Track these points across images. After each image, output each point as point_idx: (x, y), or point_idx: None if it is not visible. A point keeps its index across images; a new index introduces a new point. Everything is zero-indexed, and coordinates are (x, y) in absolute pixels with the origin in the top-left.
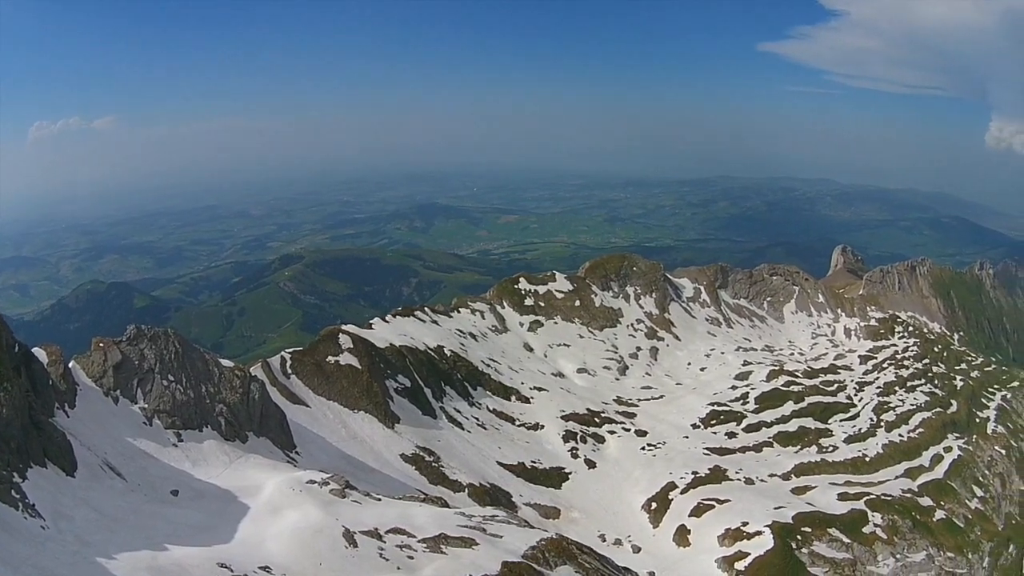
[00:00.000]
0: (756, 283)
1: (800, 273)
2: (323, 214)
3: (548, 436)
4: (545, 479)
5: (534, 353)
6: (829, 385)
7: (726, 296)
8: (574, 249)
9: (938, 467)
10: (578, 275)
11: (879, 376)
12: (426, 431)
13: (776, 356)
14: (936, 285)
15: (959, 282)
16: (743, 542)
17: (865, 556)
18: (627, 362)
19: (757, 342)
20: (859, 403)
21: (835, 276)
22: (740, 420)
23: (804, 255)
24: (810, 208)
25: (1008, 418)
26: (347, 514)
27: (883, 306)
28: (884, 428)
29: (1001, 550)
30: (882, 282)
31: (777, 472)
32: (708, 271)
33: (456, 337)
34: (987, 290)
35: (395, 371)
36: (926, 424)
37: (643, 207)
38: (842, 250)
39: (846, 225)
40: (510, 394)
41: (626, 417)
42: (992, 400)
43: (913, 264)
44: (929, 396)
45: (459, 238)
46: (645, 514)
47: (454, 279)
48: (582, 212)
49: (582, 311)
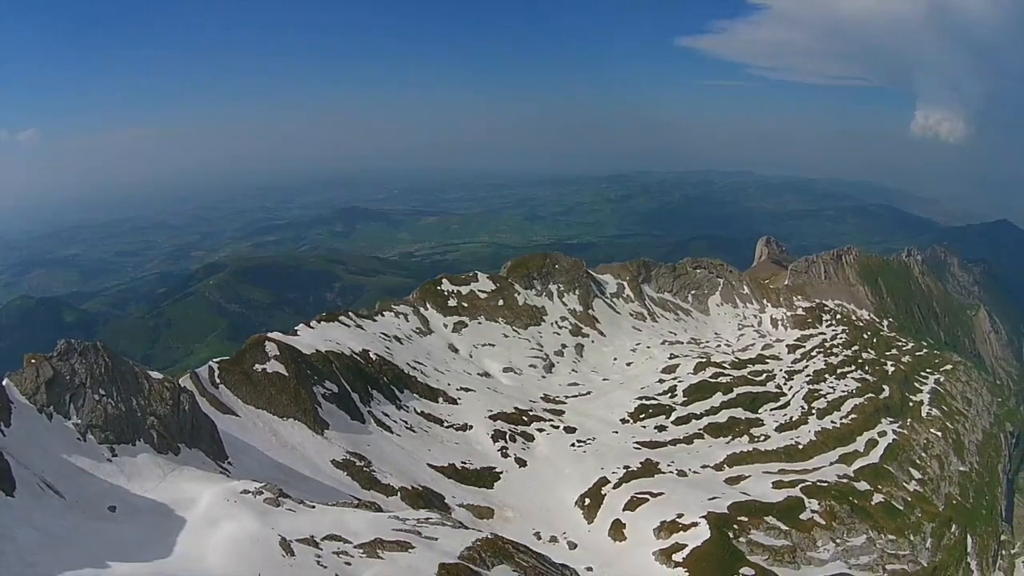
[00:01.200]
0: (680, 277)
1: (724, 265)
2: (244, 221)
3: (477, 436)
4: (477, 479)
5: (459, 354)
6: (758, 375)
7: (650, 291)
8: (495, 248)
9: (873, 452)
10: (500, 274)
11: (808, 364)
12: (356, 436)
13: (703, 348)
14: (863, 273)
15: (887, 269)
16: (679, 534)
17: (804, 542)
18: (553, 360)
19: (683, 335)
20: (789, 392)
21: (760, 267)
22: (669, 413)
23: (727, 248)
24: (732, 200)
25: (943, 401)
26: (283, 523)
27: (809, 295)
28: (816, 415)
29: (943, 530)
30: (808, 272)
31: (709, 463)
32: (631, 266)
33: (381, 341)
34: (916, 276)
35: (322, 377)
36: (859, 410)
37: (563, 204)
38: (766, 241)
39: (769, 216)
40: (437, 396)
41: (554, 415)
42: (925, 384)
43: (839, 253)
44: (860, 382)
45: (380, 241)
46: (579, 510)
47: (377, 282)
48: (502, 211)
49: (506, 310)
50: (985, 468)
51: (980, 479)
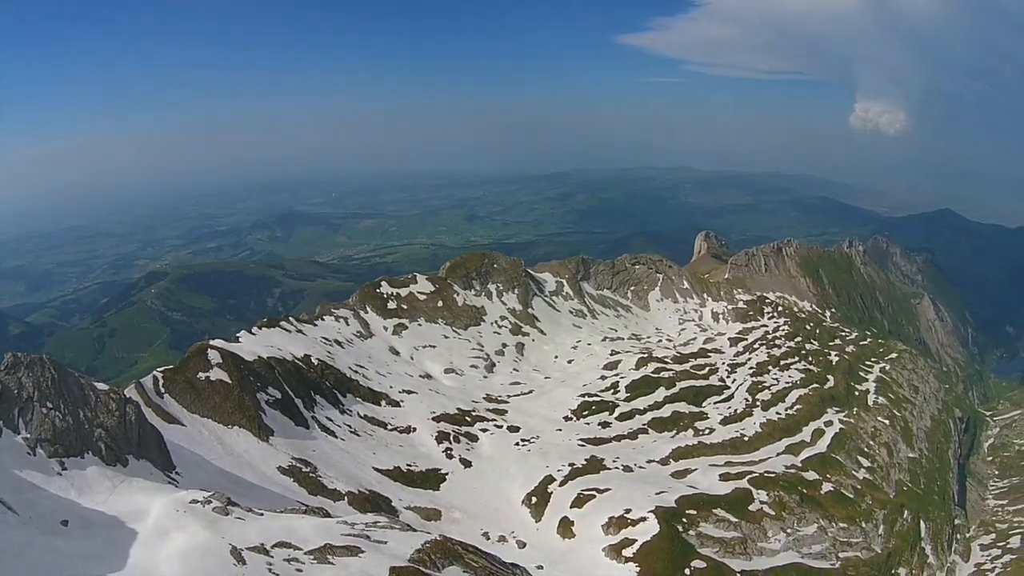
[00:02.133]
0: (619, 273)
1: (663, 261)
2: (185, 228)
3: (421, 438)
4: (423, 481)
5: (400, 356)
6: (700, 369)
7: (589, 288)
8: (434, 250)
9: (820, 441)
10: (439, 276)
11: (751, 357)
12: (300, 442)
13: (644, 344)
14: (804, 265)
15: (828, 260)
16: (628, 529)
17: (755, 533)
18: (494, 359)
19: (624, 331)
20: (732, 384)
21: (699, 262)
22: (612, 409)
23: (666, 243)
24: (670, 196)
25: (889, 389)
26: (232, 531)
27: (750, 288)
28: (760, 407)
29: (896, 517)
30: (748, 265)
31: (655, 458)
32: (569, 264)
33: (322, 345)
34: (858, 266)
35: (265, 384)
36: (804, 400)
37: (501, 204)
38: (705, 236)
39: (708, 211)
40: (380, 399)
41: (497, 414)
42: (871, 373)
43: (779, 245)
44: (804, 373)
45: (320, 245)
46: (526, 509)
47: (317, 287)
48: (440, 212)
49: (445, 311)
50: (935, 454)
51: (930, 465)
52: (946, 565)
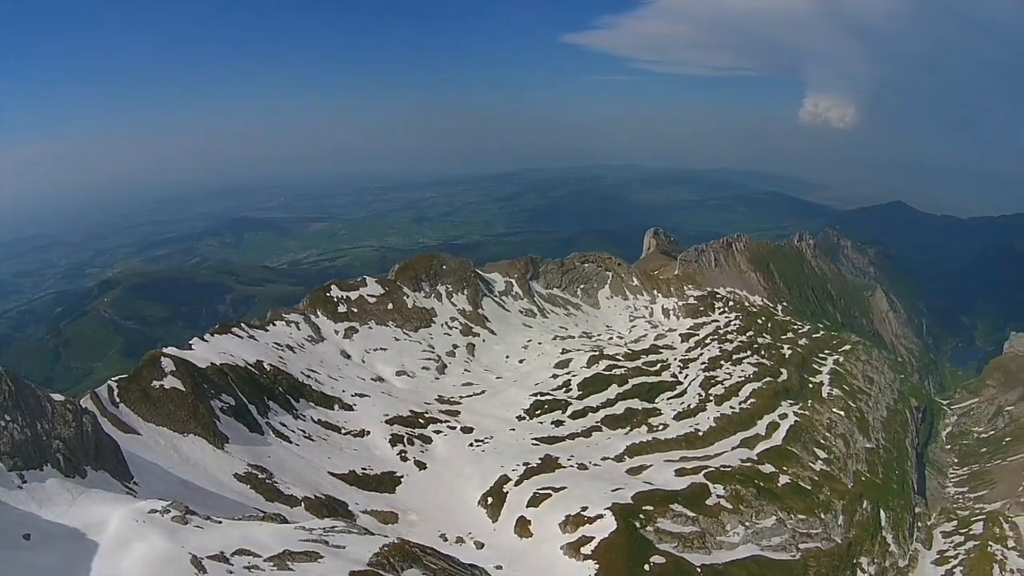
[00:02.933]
0: (568, 272)
1: (612, 258)
2: (136, 236)
3: (375, 441)
4: (378, 485)
5: (352, 360)
6: (652, 365)
7: (538, 287)
8: (383, 252)
9: (775, 434)
10: (389, 278)
11: (703, 352)
12: (256, 448)
13: (595, 342)
14: (754, 259)
15: (778, 255)
16: (586, 527)
17: (713, 527)
18: (445, 360)
19: (574, 329)
20: (685, 380)
21: (649, 259)
22: (565, 408)
23: (615, 241)
24: (619, 194)
25: (843, 380)
26: (192, 540)
27: (700, 284)
28: (714, 402)
29: (855, 507)
30: (697, 261)
31: (610, 455)
32: (518, 264)
33: (274, 350)
34: (808, 260)
35: (219, 390)
36: (757, 394)
37: (449, 205)
38: (654, 233)
39: (657, 208)
40: (333, 403)
41: (450, 415)
42: (824, 365)
43: (729, 241)
44: (757, 367)
45: (270, 250)
46: (483, 509)
47: (267, 292)
48: (389, 214)
49: (396, 314)
50: (892, 444)
51: (888, 455)
52: (908, 553)
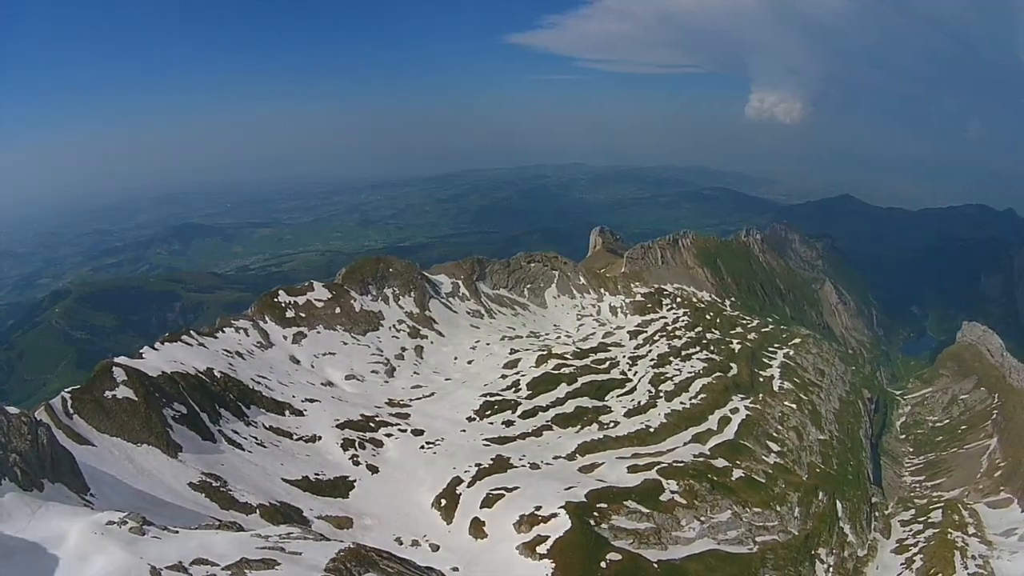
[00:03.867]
0: (514, 272)
1: (558, 258)
2: (85, 245)
3: (327, 446)
4: (332, 490)
5: (301, 365)
6: (601, 363)
7: (485, 288)
8: (329, 257)
9: (727, 428)
10: (336, 282)
11: (652, 349)
12: (209, 456)
13: (543, 341)
14: (701, 255)
15: (726, 250)
16: (540, 526)
17: (668, 523)
18: (394, 363)
19: (522, 329)
20: (634, 377)
21: (595, 257)
22: (515, 408)
23: (561, 240)
24: (564, 193)
25: (794, 374)
26: (150, 551)
27: (648, 281)
28: (664, 398)
29: (811, 498)
30: (644, 258)
31: (561, 454)
32: (464, 265)
33: (224, 358)
34: (756, 255)
35: (170, 399)
36: (707, 389)
37: (394, 207)
38: (599, 231)
39: (602, 206)
40: (284, 409)
41: (400, 418)
42: (774, 359)
43: (675, 237)
44: (707, 362)
45: (217, 256)
46: (436, 512)
47: (216, 299)
48: (334, 218)
49: (343, 318)
50: (846, 435)
51: (842, 446)
52: (867, 543)
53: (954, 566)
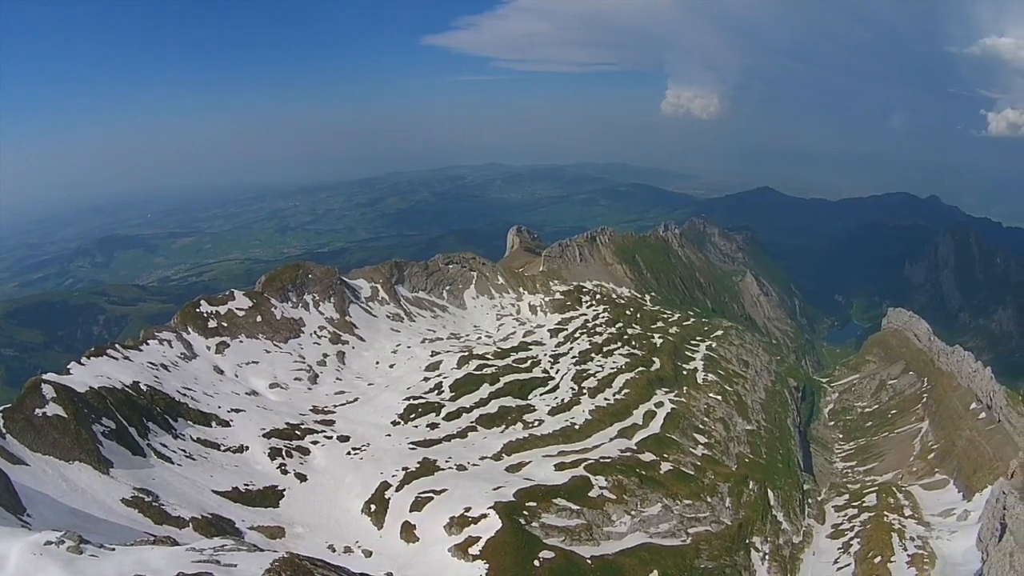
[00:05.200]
0: (433, 274)
1: (476, 258)
2: (10, 260)
3: (255, 456)
4: (262, 500)
5: (225, 375)
6: (523, 362)
7: (404, 291)
8: (249, 264)
9: (652, 423)
10: (256, 290)
11: (573, 346)
12: (140, 471)
13: (464, 342)
14: (620, 251)
15: (644, 245)
16: (471, 527)
17: (598, 519)
18: (316, 370)
19: (442, 331)
20: (557, 375)
21: (513, 257)
22: (439, 410)
23: (479, 240)
24: (481, 194)
25: (717, 365)
26: (89, 570)
27: (566, 279)
28: (587, 395)
29: (741, 488)
30: (562, 256)
31: (488, 454)
32: (383, 268)
33: (149, 370)
34: (675, 249)
35: (99, 415)
36: (631, 384)
37: (312, 213)
38: (517, 230)
39: (519, 206)
40: (210, 420)
41: (326, 425)
42: (697, 352)
43: (592, 235)
44: (629, 357)
45: (139, 268)
46: (367, 517)
47: (140, 311)
48: (254, 225)
49: (265, 326)
50: (774, 424)
51: (770, 435)
52: (802, 529)
53: (892, 548)
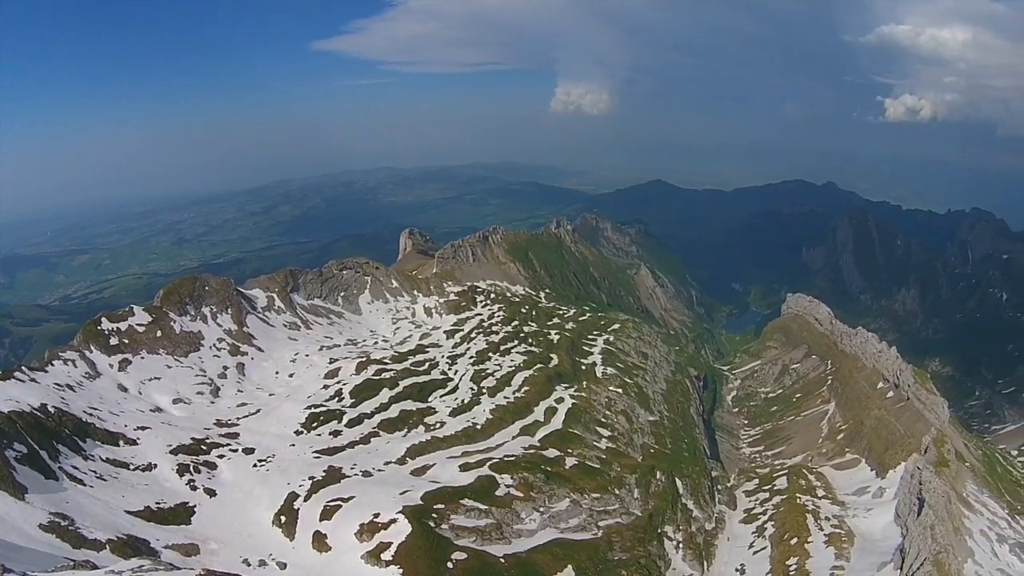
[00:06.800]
0: (327, 281)
1: (369, 263)
2: None
3: (163, 474)
4: (174, 518)
5: (129, 392)
6: (421, 365)
7: (300, 299)
8: (147, 279)
9: (554, 419)
10: (155, 305)
11: (470, 347)
12: (54, 495)
13: (361, 348)
14: (512, 250)
15: (537, 243)
16: (381, 533)
17: (508, 517)
18: (218, 383)
19: (339, 338)
20: (455, 376)
21: (406, 259)
22: (341, 417)
23: (372, 244)
24: (372, 198)
25: (616, 359)
26: None
27: (460, 280)
28: (487, 394)
29: (648, 479)
30: (455, 257)
31: (392, 459)
32: (278, 277)
33: (56, 392)
34: (568, 245)
35: (11, 439)
36: (530, 381)
37: (207, 224)
38: (409, 233)
39: (410, 208)
40: (117, 439)
41: (230, 438)
42: (595, 346)
43: (485, 234)
44: (526, 355)
45: (41, 287)
46: (278, 529)
47: (44, 332)
48: (150, 239)
49: (165, 340)
50: (677, 414)
51: (674, 425)
52: (714, 516)
53: (808, 529)
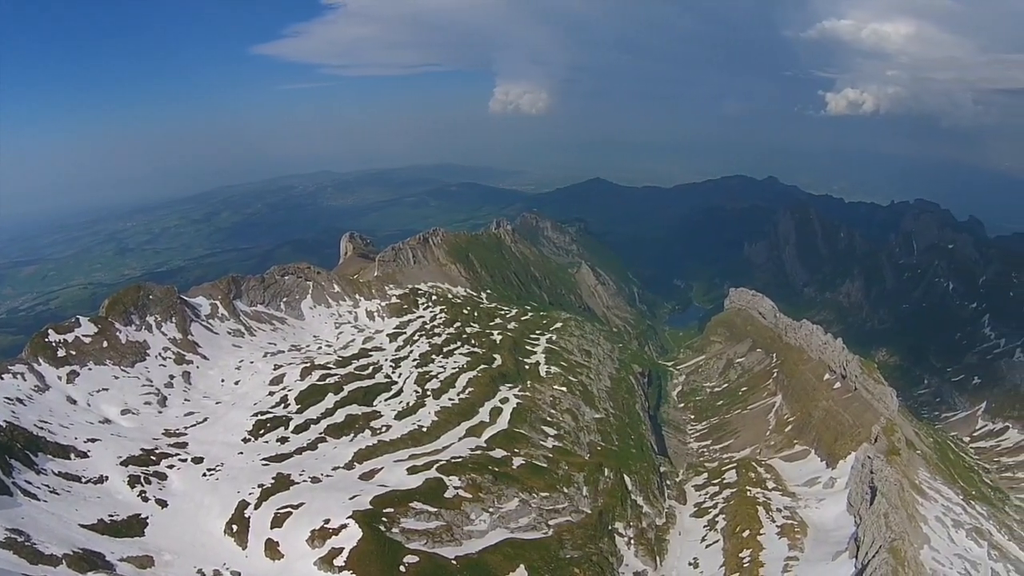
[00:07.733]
0: (269, 287)
1: (311, 268)
2: None
3: (115, 486)
4: (128, 530)
5: (78, 404)
6: (364, 369)
7: (243, 305)
8: (92, 289)
9: (500, 419)
10: (100, 315)
11: (413, 349)
12: (9, 511)
13: (305, 353)
14: (453, 251)
15: (477, 244)
16: (332, 539)
17: (457, 519)
18: (165, 393)
19: (283, 344)
20: (399, 379)
21: (347, 264)
22: (287, 424)
23: (313, 249)
24: (311, 202)
25: (559, 358)
26: None
27: (401, 282)
28: (432, 396)
29: (596, 476)
30: (395, 260)
31: (339, 464)
32: (221, 284)
33: (6, 406)
34: (508, 245)
35: None
36: (474, 383)
37: (149, 232)
38: (349, 237)
39: (350, 212)
40: (68, 452)
41: (179, 448)
42: (538, 345)
43: (425, 236)
44: (470, 356)
45: None
46: (230, 538)
47: None
48: (94, 249)
49: (111, 351)
50: (623, 411)
51: (620, 422)
52: (664, 511)
53: (760, 521)
